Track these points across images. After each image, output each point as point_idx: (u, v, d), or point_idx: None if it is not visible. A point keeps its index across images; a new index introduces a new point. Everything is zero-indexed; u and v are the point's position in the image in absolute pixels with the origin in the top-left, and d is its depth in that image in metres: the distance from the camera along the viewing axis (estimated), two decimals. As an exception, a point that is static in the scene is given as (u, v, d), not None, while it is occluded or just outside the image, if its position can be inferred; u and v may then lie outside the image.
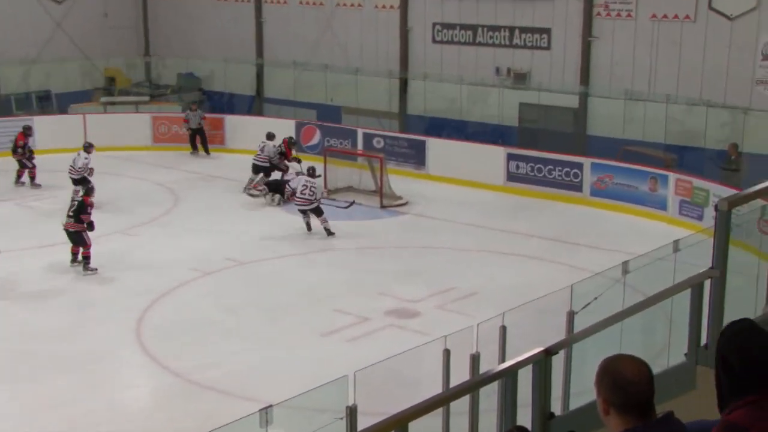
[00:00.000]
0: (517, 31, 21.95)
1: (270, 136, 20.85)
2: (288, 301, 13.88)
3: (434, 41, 23.54)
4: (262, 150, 20.63)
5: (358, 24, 24.91)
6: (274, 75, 26.94)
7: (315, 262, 15.95)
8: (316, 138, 23.91)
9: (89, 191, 15.42)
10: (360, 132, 23.19)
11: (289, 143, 21.09)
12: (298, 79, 25.87)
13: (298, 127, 24.33)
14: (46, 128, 24.30)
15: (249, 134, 24.53)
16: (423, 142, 21.94)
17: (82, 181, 18.22)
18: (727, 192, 13.67)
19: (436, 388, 7.07)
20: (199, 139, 24.51)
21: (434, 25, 23.41)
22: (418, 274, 15.12)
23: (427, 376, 8.84)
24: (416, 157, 21.93)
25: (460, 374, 7.57)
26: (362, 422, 6.82)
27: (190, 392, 10.98)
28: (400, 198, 19.76)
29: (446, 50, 23.32)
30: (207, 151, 24.57)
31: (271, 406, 6.75)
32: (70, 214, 14.88)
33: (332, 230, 17.13)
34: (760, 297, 6.36)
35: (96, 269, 14.94)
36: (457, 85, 22.54)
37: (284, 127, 24.35)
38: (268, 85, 27.16)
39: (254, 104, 27.00)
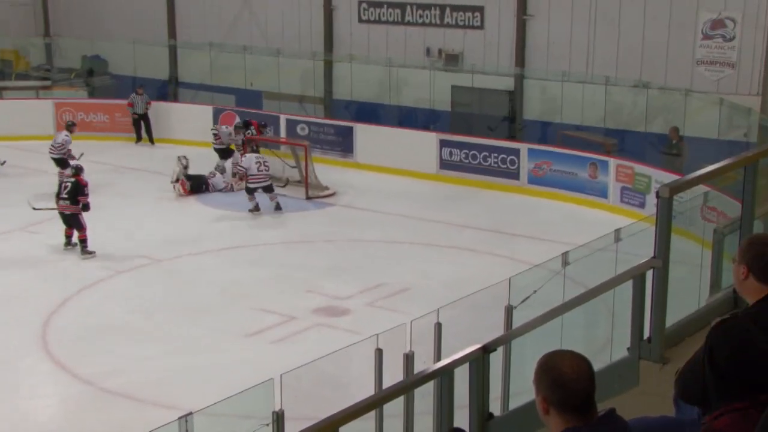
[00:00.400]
0: (448, 10, 22.05)
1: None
2: (208, 301, 13.76)
3: (360, 20, 23.53)
4: (216, 136, 21.02)
5: (279, 2, 24.75)
6: (189, 57, 26.62)
7: (237, 258, 15.83)
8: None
9: (79, 170, 15.60)
10: (283, 118, 23.07)
11: (260, 126, 21.38)
12: (214, 61, 25.60)
13: (216, 113, 24.09)
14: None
15: (163, 122, 24.26)
16: (350, 129, 21.94)
17: (62, 161, 18.67)
18: (669, 178, 13.96)
19: (368, 390, 7.09)
20: (144, 126, 24.13)
21: (360, 3, 23.40)
22: (347, 269, 15.13)
23: (359, 378, 8.86)
24: (343, 144, 21.92)
25: (394, 375, 7.60)
26: (290, 428, 6.81)
27: (102, 401, 10.82)
28: (326, 188, 19.73)
29: (373, 30, 23.33)
30: (152, 140, 24.23)
31: (191, 413, 6.70)
32: (64, 195, 15.13)
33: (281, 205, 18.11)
34: (704, 286, 6.53)
35: (94, 252, 15.20)
36: (386, 68, 22.57)
37: (201, 114, 24.15)
38: (182, 68, 26.82)
39: (168, 89, 26.65)
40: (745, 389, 2.74)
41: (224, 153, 20.91)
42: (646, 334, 5.50)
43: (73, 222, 15.33)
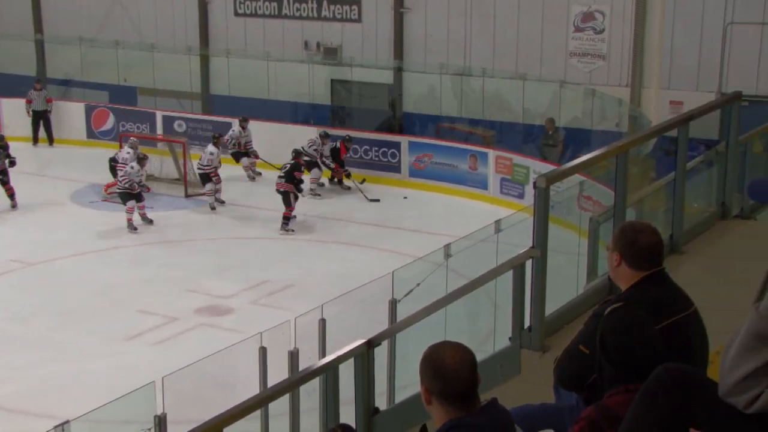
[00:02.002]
0: (325, 3, 22.04)
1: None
2: (86, 304, 13.43)
3: (236, 14, 23.28)
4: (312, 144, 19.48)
5: (152, -5, 24.29)
6: (58, 53, 25.85)
7: (114, 259, 15.50)
8: (110, 122, 23.19)
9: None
10: (159, 115, 22.66)
11: (345, 142, 19.69)
12: (85, 57, 24.94)
13: (89, 110, 23.51)
14: None
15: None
16: (229, 125, 21.68)
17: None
18: (547, 168, 14.30)
19: (253, 389, 7.06)
20: (43, 126, 23.19)
21: (236, -4, 23.18)
22: (230, 267, 14.99)
23: (243, 377, 8.81)
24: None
25: (279, 373, 7.58)
26: (173, 431, 6.73)
27: (-26, 413, 10.45)
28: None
29: (250, 24, 23.13)
30: (51, 140, 23.29)
31: (68, 421, 6.55)
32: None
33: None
34: (582, 275, 6.72)
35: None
36: (264, 62, 22.41)
37: (73, 110, 23.53)
38: (51, 64, 26.03)
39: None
40: (636, 373, 2.86)
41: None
42: (527, 323, 5.64)
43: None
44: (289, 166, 17.07)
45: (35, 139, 23.27)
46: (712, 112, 7.81)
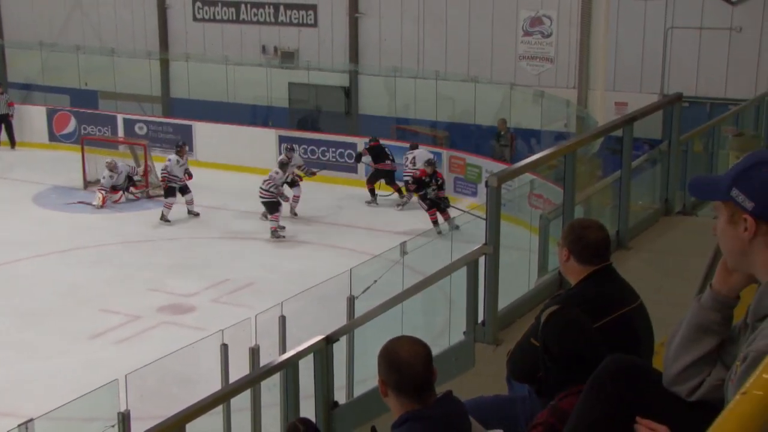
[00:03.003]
0: (282, 8, 21.99)
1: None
2: (48, 304, 13.24)
3: (195, 19, 23.15)
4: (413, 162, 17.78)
5: (111, 1, 24.03)
6: (18, 57, 25.49)
7: (76, 259, 15.30)
8: (71, 126, 22.90)
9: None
10: (120, 118, 22.43)
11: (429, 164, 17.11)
12: (46, 61, 24.62)
13: (50, 114, 23.20)
14: None
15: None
16: (189, 127, 21.55)
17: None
18: (499, 167, 14.38)
19: (215, 386, 7.02)
20: (5, 129, 22.73)
21: (194, 1, 23.01)
22: (191, 266, 14.88)
23: (205, 374, 8.75)
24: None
25: (240, 369, 7.55)
26: (136, 427, 6.67)
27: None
28: (167, 187, 19.29)
29: (209, 28, 23.00)
30: (13, 143, 22.82)
31: (32, 419, 6.47)
32: None
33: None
34: (533, 270, 6.76)
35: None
36: (223, 66, 22.29)
37: (35, 114, 23.22)
38: (11, 68, 25.67)
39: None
40: (584, 372, 2.87)
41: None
42: (481, 317, 5.66)
43: None
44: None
45: None
46: (655, 113, 7.91)
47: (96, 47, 23.85)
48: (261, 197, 16.39)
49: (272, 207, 16.32)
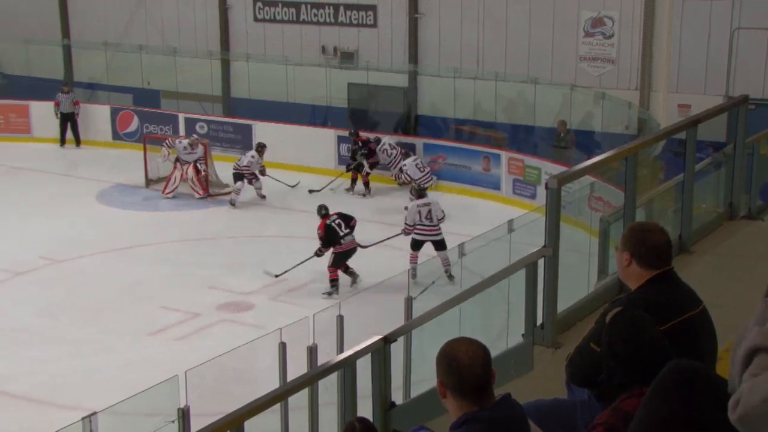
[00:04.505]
0: (342, 8, 22.08)
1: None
2: (109, 300, 13.49)
3: (256, 19, 23.34)
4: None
5: (174, 2, 24.36)
6: (84, 57, 25.96)
7: (137, 256, 15.55)
8: (134, 124, 23.27)
9: None
10: (181, 117, 22.73)
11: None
12: (110, 61, 25.04)
13: (114, 113, 23.60)
14: None
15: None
16: (249, 127, 21.76)
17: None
18: (558, 169, 14.28)
19: (272, 384, 7.08)
20: (70, 128, 23.20)
21: (255, 2, 23.22)
22: (250, 265, 15.01)
23: (263, 372, 8.84)
24: (243, 142, 21.71)
25: (298, 368, 7.60)
26: (196, 424, 6.74)
27: (3, 404, 10.51)
28: (227, 186, 19.51)
29: (269, 29, 23.18)
30: (78, 141, 23.29)
31: (95, 413, 6.58)
32: None
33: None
34: (593, 273, 6.71)
35: None
36: (283, 66, 22.45)
37: (99, 113, 23.64)
38: (77, 68, 26.15)
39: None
40: (648, 374, 2.85)
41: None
42: (539, 320, 5.63)
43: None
44: None
45: (62, 141, 23.36)
46: (720, 115, 7.78)
47: (159, 47, 24.19)
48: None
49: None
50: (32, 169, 21.20)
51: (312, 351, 8.09)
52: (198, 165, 19.21)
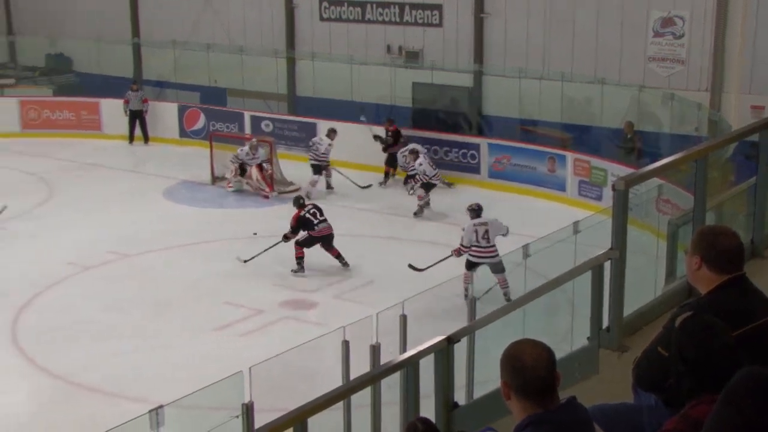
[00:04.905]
0: (407, 8, 22.10)
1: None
2: (176, 295, 13.71)
3: (322, 19, 23.49)
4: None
5: (241, 1, 24.63)
6: (153, 55, 26.40)
7: (203, 253, 15.76)
8: (201, 122, 23.60)
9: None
10: (247, 115, 22.99)
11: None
12: (178, 59, 25.42)
13: (181, 110, 23.97)
14: None
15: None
16: (314, 125, 21.90)
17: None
18: (625, 171, 14.12)
19: (335, 381, 7.13)
20: (139, 125, 23.65)
21: (321, 1, 23.36)
22: (313, 263, 15.09)
23: (326, 369, 8.90)
24: (307, 140, 21.78)
25: (360, 366, 7.64)
26: (259, 419, 6.81)
27: (72, 395, 10.75)
28: (291, 184, 19.69)
29: (334, 28, 23.30)
30: (146, 138, 23.73)
31: (161, 406, 6.69)
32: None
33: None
34: (660, 276, 6.62)
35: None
36: (348, 65, 22.55)
37: (167, 111, 24.02)
38: (146, 66, 26.60)
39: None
40: (718, 380, 2.81)
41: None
42: (605, 323, 5.58)
43: None
44: None
45: (131, 138, 23.78)
46: (794, 117, 7.62)
47: (225, 46, 24.49)
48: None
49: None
50: (102, 165, 21.63)
51: (375, 349, 8.12)
52: (263, 164, 19.43)
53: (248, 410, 6.92)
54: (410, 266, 13.97)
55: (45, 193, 19.24)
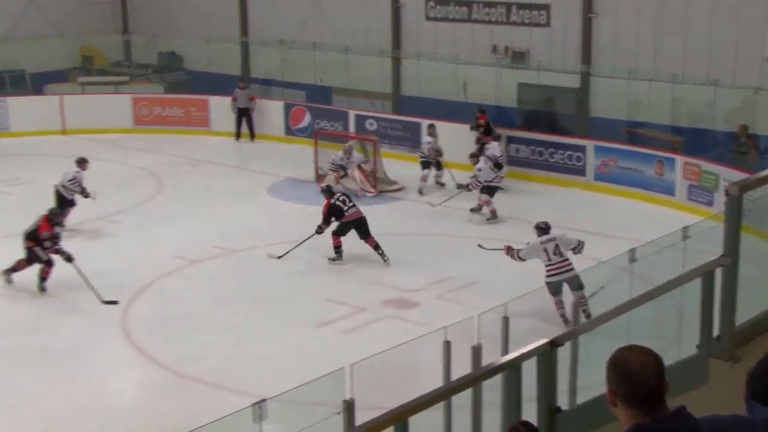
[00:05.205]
0: (514, 8, 21.95)
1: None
2: (280, 291, 13.93)
3: (428, 18, 23.52)
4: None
5: (348, 1, 24.86)
6: (260, 54, 26.88)
7: (306, 249, 15.93)
8: (306, 120, 23.92)
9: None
10: (351, 114, 23.20)
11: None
12: (285, 58, 25.82)
13: (287, 108, 24.34)
14: (20, 109, 24.27)
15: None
16: (418, 125, 21.95)
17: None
18: (738, 176, 13.74)
19: (436, 381, 7.14)
20: (246, 122, 24.14)
21: (427, 1, 23.40)
22: (416, 262, 15.16)
23: (427, 369, 8.91)
24: (411, 139, 21.95)
25: (462, 367, 7.63)
26: (360, 417, 6.89)
27: (178, 386, 11.04)
28: (394, 183, 19.79)
29: (440, 28, 23.31)
30: (252, 135, 24.19)
31: (264, 400, 6.80)
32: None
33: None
34: (775, 286, 6.43)
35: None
36: (453, 65, 22.54)
37: (273, 108, 24.43)
38: (254, 64, 27.10)
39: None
40: None
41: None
42: (716, 332, 5.45)
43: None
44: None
45: (238, 135, 24.26)
46: None
47: (331, 45, 24.76)
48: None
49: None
50: (210, 161, 22.14)
51: (477, 351, 8.11)
52: (362, 165, 19.55)
53: (349, 407, 6.99)
54: (269, 255, 14.68)
55: (154, 188, 19.80)
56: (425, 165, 19.62)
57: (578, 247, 12.66)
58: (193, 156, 22.58)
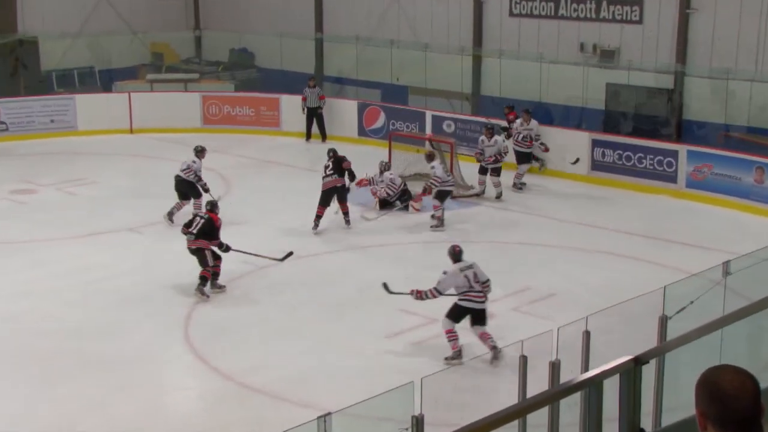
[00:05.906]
0: (604, 3, 21.69)
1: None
2: (349, 299, 13.94)
3: (511, 14, 23.38)
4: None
5: (428, -5, 24.89)
6: (335, 51, 27.02)
7: (378, 256, 15.98)
8: (381, 121, 23.96)
9: (214, 207, 14.63)
10: (428, 114, 23.16)
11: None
12: (360, 55, 25.92)
13: (361, 108, 24.41)
14: (88, 107, 24.81)
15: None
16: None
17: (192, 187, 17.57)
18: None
19: (511, 398, 7.05)
20: (316, 122, 24.24)
21: (511, -4, 23.30)
22: (492, 272, 14.94)
23: (502, 385, 8.82)
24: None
25: (538, 383, 7.53)
26: (429, 434, 6.84)
27: (241, 396, 11.10)
28: (471, 188, 19.69)
29: (524, 24, 23.15)
30: (324, 136, 24.24)
31: (329, 413, 6.79)
32: (193, 231, 14.24)
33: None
34: None
35: (224, 287, 14.28)
36: (537, 63, 22.35)
37: (346, 108, 24.51)
38: (327, 62, 27.26)
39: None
40: None
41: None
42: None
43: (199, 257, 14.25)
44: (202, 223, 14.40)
45: (308, 135, 24.41)
46: None
47: (410, 42, 24.78)
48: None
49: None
50: (279, 162, 22.32)
51: (555, 366, 7.99)
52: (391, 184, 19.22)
53: (418, 423, 6.93)
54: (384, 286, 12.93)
55: (222, 190, 20.00)
56: (481, 170, 19.46)
57: (487, 284, 11.97)
58: (262, 157, 22.80)
